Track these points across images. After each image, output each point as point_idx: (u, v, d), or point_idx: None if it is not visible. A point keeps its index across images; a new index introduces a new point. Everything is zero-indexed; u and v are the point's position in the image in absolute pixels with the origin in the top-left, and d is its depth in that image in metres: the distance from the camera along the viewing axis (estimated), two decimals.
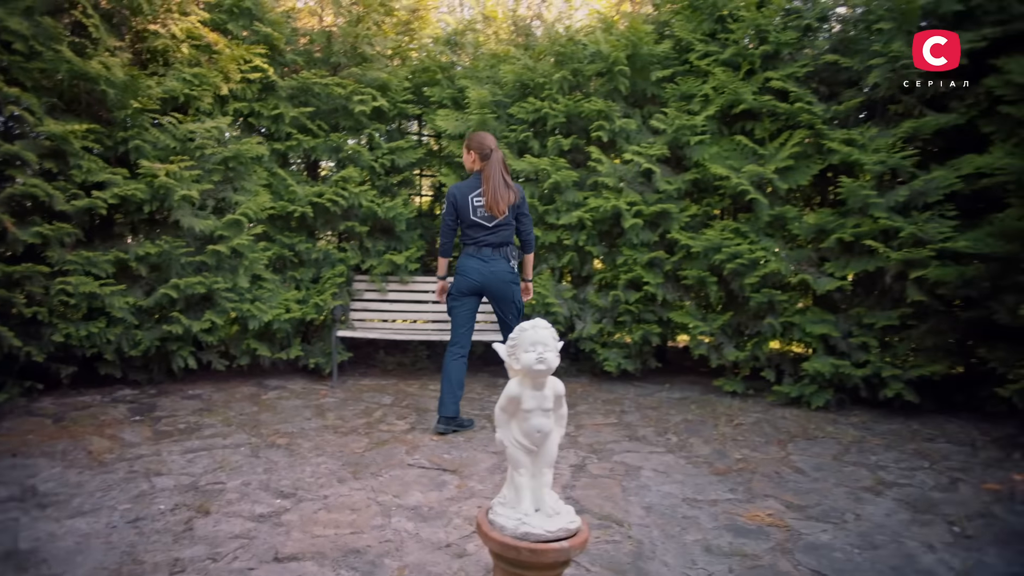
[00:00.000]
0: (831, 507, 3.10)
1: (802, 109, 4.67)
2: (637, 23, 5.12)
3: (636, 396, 5.11)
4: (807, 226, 4.73)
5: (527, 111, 5.31)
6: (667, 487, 3.30)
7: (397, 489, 3.18)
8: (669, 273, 5.15)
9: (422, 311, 5.85)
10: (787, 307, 4.75)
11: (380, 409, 4.62)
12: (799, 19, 4.90)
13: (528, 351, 1.80)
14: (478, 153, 4.01)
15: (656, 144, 5.06)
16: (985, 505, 3.14)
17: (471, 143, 4.05)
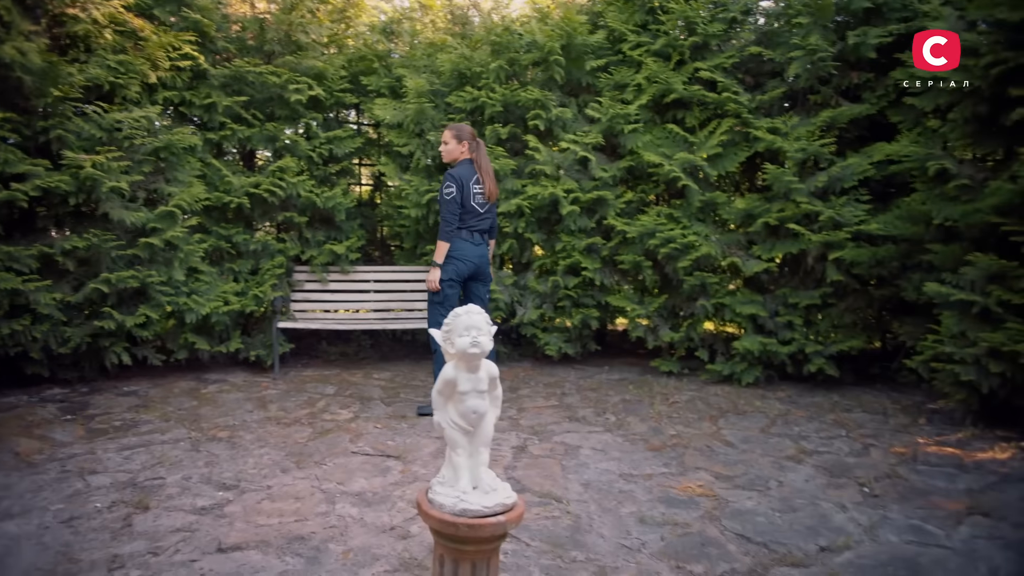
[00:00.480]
0: (756, 476, 3.29)
1: (729, 99, 4.86)
2: (571, 14, 5.21)
3: (577, 379, 5.25)
4: (736, 211, 4.95)
5: (465, 100, 5.35)
6: (604, 464, 3.44)
7: (341, 476, 3.22)
8: (606, 258, 5.30)
9: (365, 300, 5.84)
10: (718, 289, 4.96)
11: (323, 399, 4.62)
12: (725, 12, 5.09)
13: (462, 335, 1.87)
14: (470, 143, 4.16)
15: (591, 132, 5.19)
16: (892, 467, 3.40)
17: (463, 133, 4.16)
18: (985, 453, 3.59)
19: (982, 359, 3.71)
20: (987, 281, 3.77)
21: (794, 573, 2.40)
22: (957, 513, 2.87)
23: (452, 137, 4.16)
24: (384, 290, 5.83)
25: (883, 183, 4.78)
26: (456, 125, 4.22)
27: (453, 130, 4.18)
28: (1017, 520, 2.80)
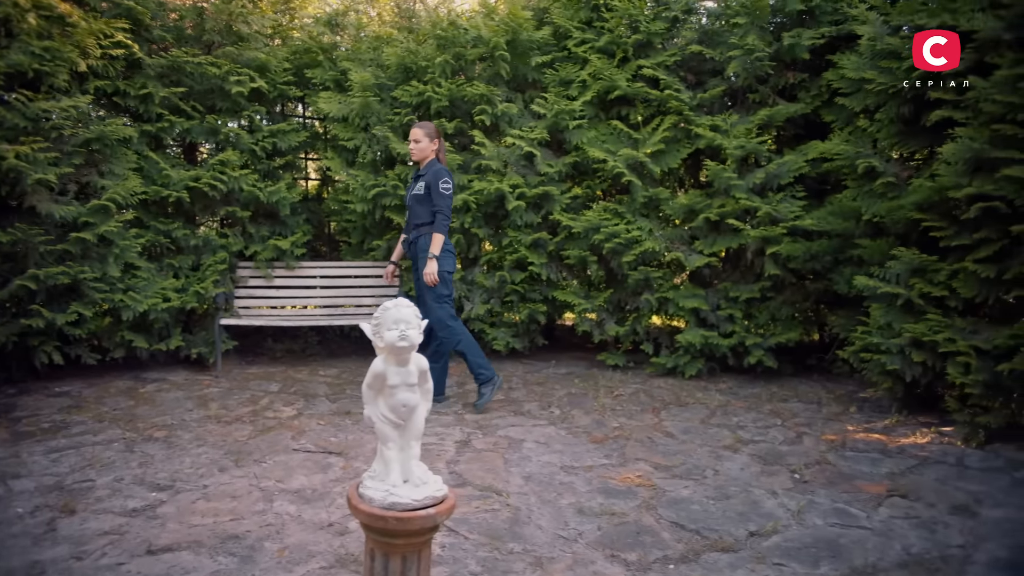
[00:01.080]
0: (694, 465, 3.38)
1: (671, 96, 4.96)
2: (517, 9, 5.23)
3: (524, 373, 5.29)
4: (678, 207, 5.05)
5: (411, 95, 5.32)
6: (547, 457, 3.48)
7: (280, 474, 3.18)
8: (553, 253, 5.35)
9: (311, 297, 5.76)
10: (662, 283, 5.06)
11: (267, 397, 4.55)
12: (668, 11, 5.18)
13: (391, 329, 1.87)
14: (439, 141, 4.28)
15: (537, 128, 5.22)
16: (822, 454, 3.53)
17: (433, 132, 4.23)
18: (907, 438, 3.76)
19: (906, 349, 3.87)
20: (910, 274, 3.94)
21: (724, 558, 2.47)
22: (878, 496, 3.00)
23: (424, 135, 4.18)
24: (331, 286, 5.76)
25: (818, 180, 4.95)
26: (426, 123, 4.25)
27: (424, 128, 4.19)
28: (930, 500, 2.95)
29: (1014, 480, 3.20)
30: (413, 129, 4.21)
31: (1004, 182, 3.36)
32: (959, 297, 3.73)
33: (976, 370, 3.56)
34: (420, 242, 4.19)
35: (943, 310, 3.84)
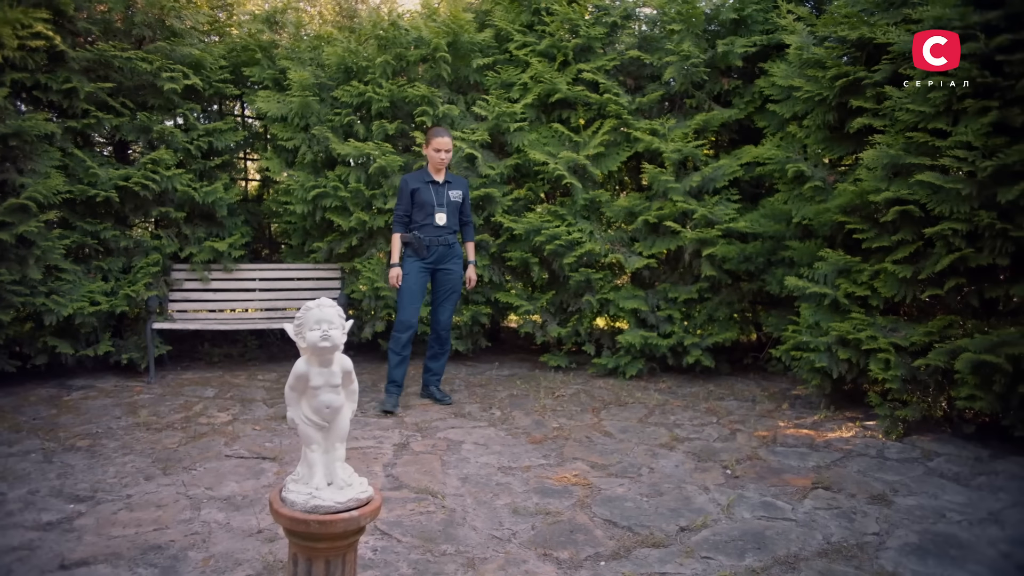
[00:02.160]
0: (630, 464, 3.43)
1: (611, 100, 5.03)
2: (458, 11, 5.23)
3: (467, 375, 5.28)
4: (618, 209, 5.13)
5: (351, 95, 5.26)
6: (485, 458, 3.48)
7: (210, 481, 3.09)
8: (495, 255, 5.36)
9: (250, 300, 5.63)
10: (603, 285, 5.12)
11: (201, 402, 4.42)
12: (607, 16, 5.26)
13: (313, 329, 1.84)
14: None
15: (479, 130, 5.23)
16: (754, 450, 3.63)
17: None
18: (834, 433, 3.91)
19: (832, 347, 4.02)
20: (836, 275, 4.09)
21: (654, 553, 2.52)
22: (804, 488, 3.10)
23: (451, 142, 4.36)
24: (271, 288, 5.64)
25: (752, 184, 5.10)
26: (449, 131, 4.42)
27: (451, 136, 4.37)
28: (851, 491, 3.06)
29: (927, 469, 3.36)
30: (444, 138, 4.24)
31: (917, 187, 3.53)
32: (880, 296, 3.90)
33: (895, 366, 3.72)
34: (455, 248, 4.38)
35: (866, 309, 4.01)
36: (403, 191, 4.30)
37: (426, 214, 4.26)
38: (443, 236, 4.30)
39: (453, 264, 4.36)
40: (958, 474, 3.31)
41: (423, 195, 4.27)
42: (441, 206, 4.27)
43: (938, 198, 3.48)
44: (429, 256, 4.28)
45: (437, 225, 4.27)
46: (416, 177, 4.34)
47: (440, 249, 4.30)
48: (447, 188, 4.32)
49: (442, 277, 4.37)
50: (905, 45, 3.56)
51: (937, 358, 3.57)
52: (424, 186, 4.28)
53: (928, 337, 3.68)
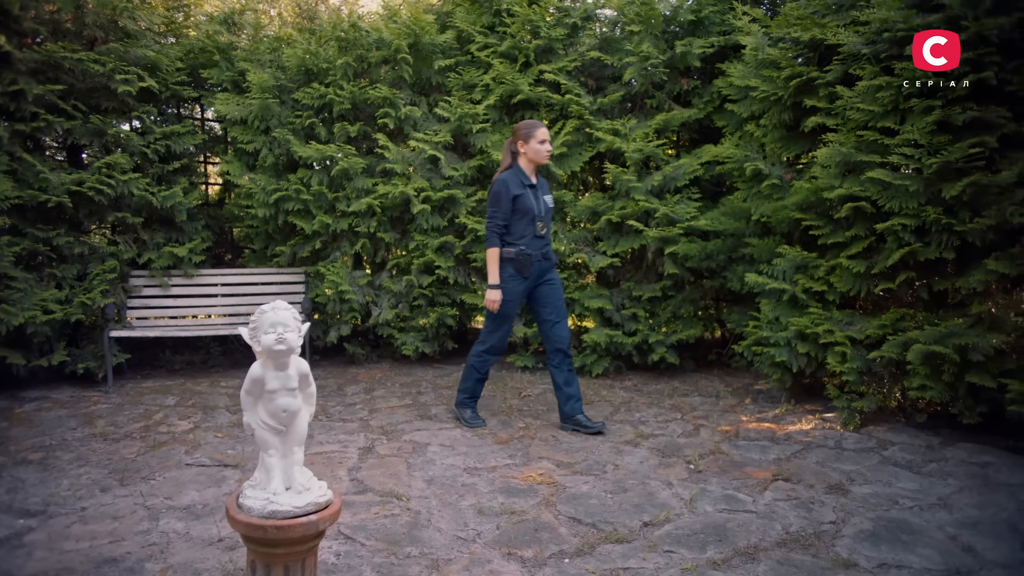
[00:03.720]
0: (595, 461, 3.46)
1: (572, 101, 5.07)
2: (419, 13, 5.22)
3: (434, 377, 5.26)
4: (582, 209, 5.17)
5: (312, 97, 5.21)
6: (451, 460, 3.47)
7: (170, 491, 3.03)
8: (460, 256, 5.35)
9: (212, 306, 5.53)
10: (568, 284, 5.15)
11: (161, 411, 4.33)
12: (567, 17, 5.30)
13: (268, 332, 1.82)
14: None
15: (441, 132, 5.22)
16: (716, 444, 3.69)
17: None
18: (794, 425, 3.99)
19: (792, 341, 4.11)
20: (794, 271, 4.18)
21: (618, 549, 2.54)
22: (764, 481, 3.16)
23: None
24: (234, 294, 5.55)
25: (712, 182, 5.18)
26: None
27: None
28: (810, 482, 3.13)
29: (882, 458, 3.45)
30: (544, 128, 3.77)
31: (869, 183, 3.62)
32: (836, 291, 3.99)
33: (851, 359, 3.82)
34: (554, 258, 3.96)
35: (823, 304, 4.10)
36: (503, 197, 3.67)
37: (527, 223, 3.71)
38: (547, 248, 3.83)
39: (553, 273, 3.91)
40: (911, 462, 3.41)
41: (525, 202, 3.69)
42: (540, 213, 3.77)
43: (888, 194, 3.58)
44: (531, 273, 3.77)
45: (540, 235, 3.76)
46: (514, 180, 3.72)
47: (539, 264, 3.80)
48: (542, 192, 3.83)
49: (548, 291, 3.86)
50: (854, 47, 3.66)
51: (890, 350, 3.67)
52: (525, 191, 3.71)
53: (882, 330, 3.78)
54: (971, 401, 3.62)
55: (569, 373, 3.89)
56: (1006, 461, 3.42)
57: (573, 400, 3.88)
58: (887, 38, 3.52)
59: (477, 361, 4.01)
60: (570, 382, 3.89)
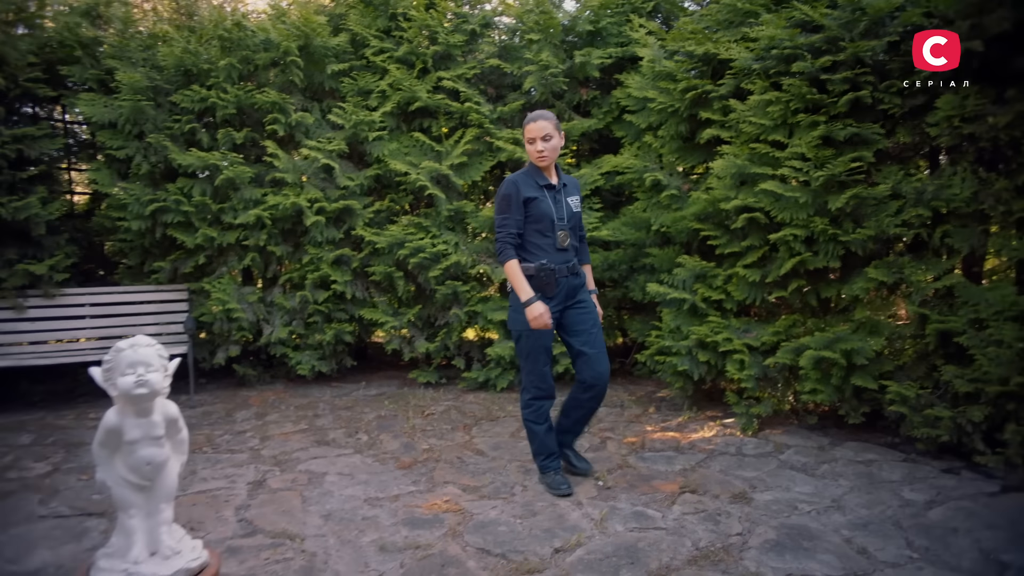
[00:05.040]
0: (503, 483, 3.34)
1: (472, 109, 4.96)
2: (310, 14, 4.94)
3: (332, 397, 4.98)
4: (483, 219, 5.06)
5: (192, 100, 4.81)
6: (350, 490, 3.25)
7: (15, 551, 2.63)
8: (357, 270, 5.11)
9: (81, 328, 4.98)
10: (471, 297, 5.02)
11: (12, 452, 3.82)
12: (466, 23, 5.19)
13: (126, 374, 1.58)
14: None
15: (336, 139, 4.97)
16: (623, 458, 3.66)
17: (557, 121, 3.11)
18: (697, 433, 4.04)
19: (692, 350, 4.17)
20: (694, 280, 4.25)
21: None
22: (672, 494, 3.15)
23: (555, 128, 3.05)
24: (106, 314, 5.03)
25: (613, 192, 5.22)
26: (546, 112, 3.07)
27: (552, 118, 3.05)
28: (715, 492, 3.16)
29: (780, 463, 3.54)
30: (538, 123, 2.99)
31: (762, 195, 3.73)
32: (734, 300, 4.09)
33: (749, 366, 3.91)
34: (581, 275, 3.22)
35: (721, 312, 4.19)
36: (512, 200, 3.03)
37: (544, 232, 3.06)
38: (571, 263, 3.12)
39: (583, 294, 3.19)
40: (805, 464, 3.52)
41: (540, 207, 3.03)
42: (562, 220, 3.07)
43: (780, 205, 3.70)
44: (556, 293, 3.08)
45: (561, 248, 3.07)
46: (526, 181, 3.07)
47: (568, 281, 3.11)
48: (564, 195, 3.12)
49: (578, 315, 3.15)
50: (745, 62, 3.76)
51: (784, 356, 3.79)
52: (541, 193, 3.06)
53: (776, 337, 3.90)
54: (856, 402, 3.80)
55: (588, 410, 3.29)
56: (887, 458, 3.60)
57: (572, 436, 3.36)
58: (775, 55, 3.63)
59: (530, 414, 3.24)
60: (582, 420, 3.33)
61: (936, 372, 3.55)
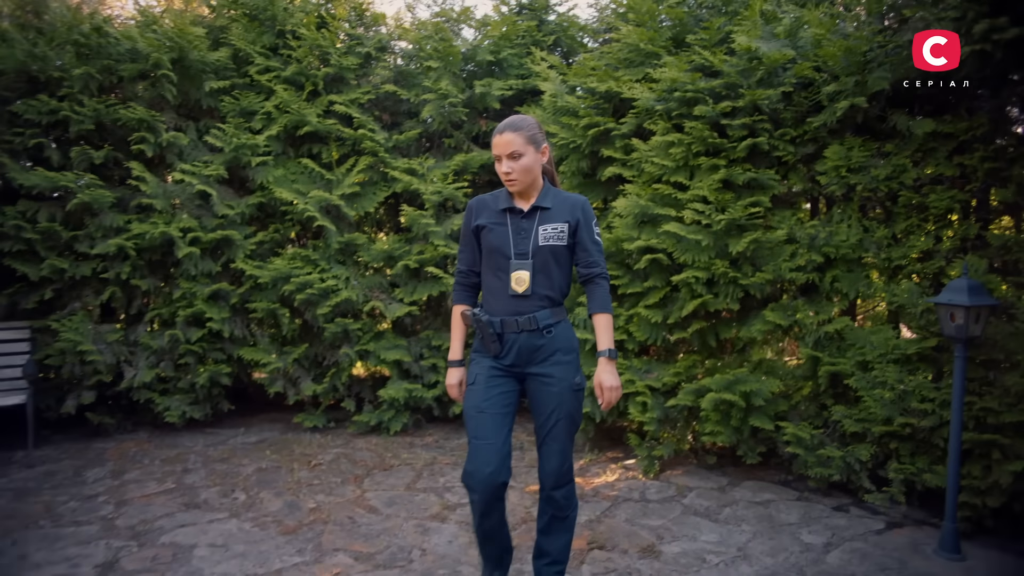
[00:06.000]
0: (399, 547, 3.06)
1: (366, 136, 4.68)
2: (185, 24, 4.50)
3: (205, 447, 4.47)
4: (376, 252, 4.77)
5: (39, 111, 4.22)
6: (224, 566, 2.85)
7: None
8: (236, 306, 4.65)
9: None
10: (362, 335, 4.70)
11: None
12: (360, 46, 4.92)
13: None
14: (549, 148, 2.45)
15: (214, 163, 4.52)
16: (527, 510, 3.48)
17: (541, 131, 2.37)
18: (599, 478, 3.94)
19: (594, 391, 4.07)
20: None
21: None
22: (580, 551, 3.00)
23: (527, 140, 2.27)
24: None
25: None
26: (521, 119, 2.31)
27: (523, 128, 2.29)
28: (623, 546, 3.04)
29: (684, 508, 3.49)
30: (503, 135, 2.26)
31: (665, 236, 3.72)
32: (635, 340, 4.05)
33: (651, 408, 3.86)
34: (558, 334, 2.32)
35: (623, 352, 4.13)
36: (464, 227, 2.44)
37: (496, 270, 2.34)
38: (526, 314, 2.29)
39: (553, 365, 2.31)
40: (708, 509, 3.49)
41: (491, 236, 2.34)
42: (522, 256, 2.30)
43: (682, 247, 3.69)
44: (504, 353, 2.32)
45: (516, 294, 2.29)
46: (487, 203, 2.41)
47: (522, 339, 2.30)
48: (537, 221, 2.32)
49: (537, 393, 2.35)
50: (648, 102, 3.75)
51: (685, 398, 3.77)
52: (497, 219, 2.36)
53: (676, 377, 3.89)
54: (752, 442, 3.84)
55: (549, 520, 2.44)
56: (782, 497, 3.65)
57: (543, 561, 2.45)
58: (677, 97, 3.65)
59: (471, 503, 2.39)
60: (548, 531, 2.45)
61: (826, 411, 3.65)
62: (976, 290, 2.89)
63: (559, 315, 2.34)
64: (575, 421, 2.39)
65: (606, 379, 2.29)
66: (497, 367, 2.34)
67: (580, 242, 2.34)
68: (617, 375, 2.31)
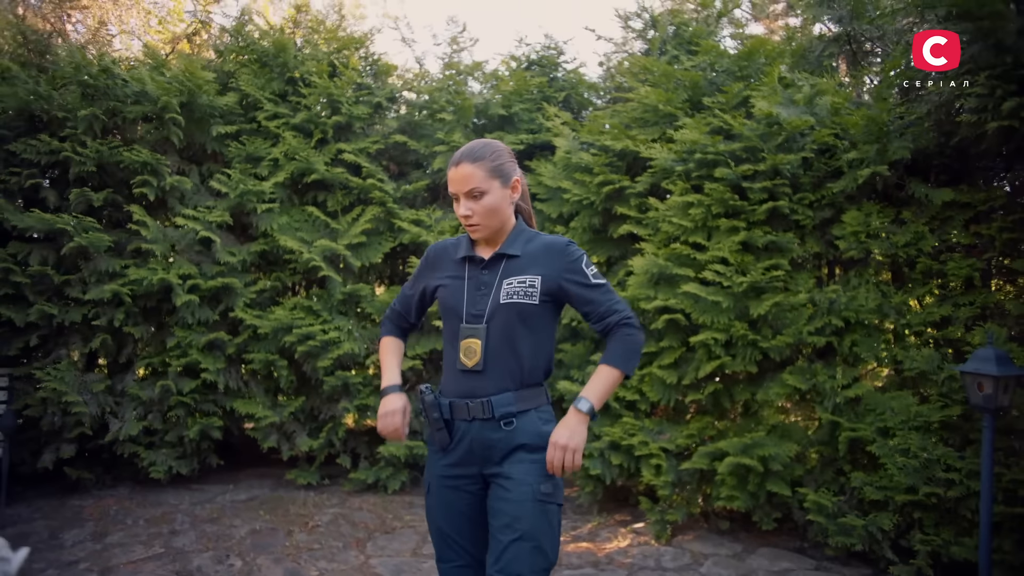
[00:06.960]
0: None
1: (373, 185, 4.62)
2: (195, 67, 4.44)
3: (192, 506, 4.23)
4: (380, 304, 4.66)
5: (38, 152, 4.09)
6: None
7: None
8: (232, 356, 4.47)
9: None
10: (362, 389, 4.54)
11: None
12: (370, 95, 4.90)
13: None
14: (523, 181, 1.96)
15: (217, 208, 4.41)
16: None
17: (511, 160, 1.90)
18: (611, 543, 3.79)
19: (605, 452, 3.97)
20: None
21: None
22: None
23: (488, 173, 1.80)
24: None
25: None
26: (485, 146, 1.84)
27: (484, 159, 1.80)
28: None
29: None
30: (460, 167, 1.79)
31: (683, 296, 3.68)
32: (648, 400, 3.96)
33: (665, 472, 3.76)
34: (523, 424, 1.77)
35: (635, 412, 4.05)
36: (415, 275, 2.01)
37: (450, 337, 1.85)
38: (479, 397, 1.77)
39: (513, 464, 1.76)
40: None
41: (447, 294, 1.87)
42: (476, 316, 1.80)
43: (700, 307, 3.66)
44: (455, 446, 1.81)
45: (463, 368, 1.79)
46: (445, 251, 1.94)
47: (474, 430, 1.78)
48: (501, 272, 1.82)
49: (490, 496, 1.80)
50: (666, 162, 3.77)
51: (700, 461, 3.68)
52: (454, 270, 1.89)
53: (690, 439, 3.80)
54: (768, 508, 3.74)
55: None
56: (802, 566, 3.54)
57: None
58: (697, 158, 3.67)
59: None
60: None
61: (843, 477, 3.58)
62: (1003, 360, 2.87)
63: (528, 401, 1.77)
64: (541, 549, 1.68)
65: (561, 435, 1.68)
66: (450, 471, 1.80)
67: (575, 296, 1.79)
68: (581, 437, 1.70)
